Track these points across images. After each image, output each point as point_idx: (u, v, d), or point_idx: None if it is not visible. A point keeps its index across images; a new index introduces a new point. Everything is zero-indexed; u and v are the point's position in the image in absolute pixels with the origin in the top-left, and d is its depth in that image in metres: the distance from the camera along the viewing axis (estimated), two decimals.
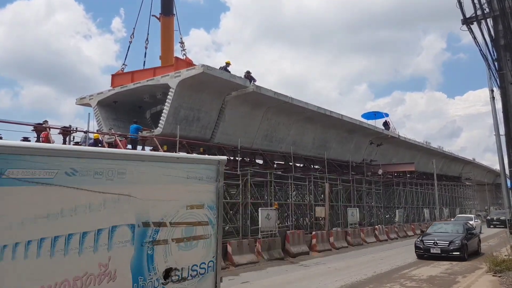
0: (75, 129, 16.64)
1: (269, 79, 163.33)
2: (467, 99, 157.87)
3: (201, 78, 17.50)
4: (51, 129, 15.08)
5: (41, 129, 15.00)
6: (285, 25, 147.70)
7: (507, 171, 11.51)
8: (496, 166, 62.37)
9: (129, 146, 17.96)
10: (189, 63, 21.16)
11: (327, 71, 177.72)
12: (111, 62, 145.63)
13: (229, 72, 19.20)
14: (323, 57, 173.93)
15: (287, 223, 23.30)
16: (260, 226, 17.15)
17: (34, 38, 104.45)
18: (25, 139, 14.73)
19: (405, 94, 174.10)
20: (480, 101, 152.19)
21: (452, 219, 32.09)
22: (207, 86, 18.46)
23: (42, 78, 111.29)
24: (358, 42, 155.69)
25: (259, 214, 17.39)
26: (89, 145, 15.05)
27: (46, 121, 15.38)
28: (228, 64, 19.70)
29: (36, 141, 14.97)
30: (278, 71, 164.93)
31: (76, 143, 17.29)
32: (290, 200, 23.27)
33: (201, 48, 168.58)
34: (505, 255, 14.04)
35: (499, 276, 11.82)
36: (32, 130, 14.90)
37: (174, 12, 25.69)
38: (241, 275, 13.06)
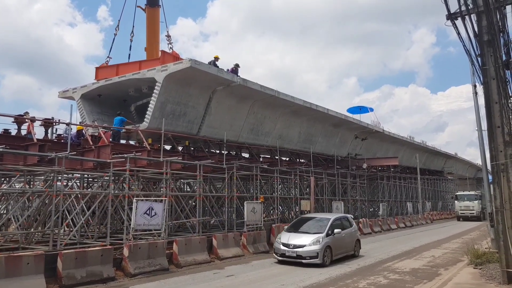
0: (57, 121, 16.35)
1: (257, 71, 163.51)
2: (450, 95, 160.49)
3: (189, 73, 17.31)
4: (32, 121, 14.74)
5: (22, 121, 14.68)
6: (273, 15, 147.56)
7: (488, 166, 11.73)
8: (477, 161, 63.52)
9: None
10: (175, 57, 20.93)
11: (315, 63, 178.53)
12: (97, 51, 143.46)
13: (218, 67, 19.05)
14: (312, 49, 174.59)
15: (273, 216, 23.37)
16: (245, 219, 17.15)
17: (16, 25, 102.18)
18: (6, 131, 14.43)
19: (394, 88, 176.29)
20: (462, 96, 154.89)
21: None
22: (195, 80, 18.28)
23: (24, 67, 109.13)
24: (346, 34, 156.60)
25: (245, 207, 17.38)
26: (71, 138, 14.79)
27: (27, 113, 15.05)
28: (216, 58, 19.53)
29: (17, 133, 14.67)
30: (266, 62, 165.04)
31: (59, 136, 17.01)
32: (276, 193, 23.31)
33: (188, 38, 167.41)
34: (485, 248, 14.32)
35: (480, 268, 12.06)
36: (13, 122, 14.58)
37: (160, 3, 25.41)
38: (226, 269, 13.05)
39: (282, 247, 13.75)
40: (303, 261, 13.20)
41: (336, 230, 14.15)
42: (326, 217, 15.26)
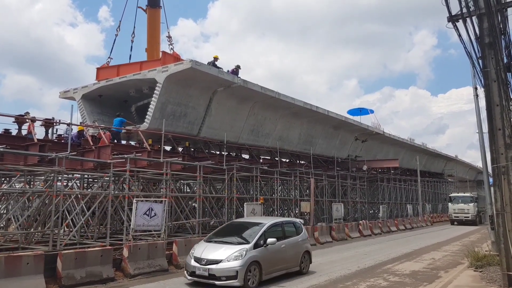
0: (58, 121, 16.34)
1: (257, 72, 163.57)
2: (450, 97, 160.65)
3: (189, 74, 17.31)
4: (32, 121, 14.74)
5: (22, 121, 14.68)
6: (273, 16, 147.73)
7: (489, 168, 11.73)
8: (478, 163, 63.46)
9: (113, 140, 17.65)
10: (176, 58, 20.93)
11: (315, 65, 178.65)
12: (98, 52, 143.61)
13: (217, 67, 19.06)
14: (312, 50, 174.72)
15: None
16: None
17: (17, 25, 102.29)
18: (6, 131, 14.42)
19: (395, 90, 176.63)
20: (462, 99, 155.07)
21: None
22: (195, 81, 18.28)
23: (24, 67, 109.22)
24: (346, 35, 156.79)
25: (245, 208, 17.38)
26: (72, 138, 14.78)
27: (27, 113, 15.05)
28: (216, 58, 19.54)
29: (18, 133, 14.66)
30: (266, 63, 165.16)
31: (59, 136, 17.00)
32: (276, 195, 23.29)
33: (189, 38, 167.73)
34: (486, 251, 14.30)
35: (480, 271, 12.05)
36: (14, 122, 14.58)
37: (161, 4, 25.44)
38: None
39: (193, 263, 10.31)
40: (217, 282, 9.82)
41: (270, 240, 10.75)
42: (261, 222, 11.76)
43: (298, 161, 28.68)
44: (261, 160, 25.14)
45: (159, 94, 17.47)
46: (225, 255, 10.05)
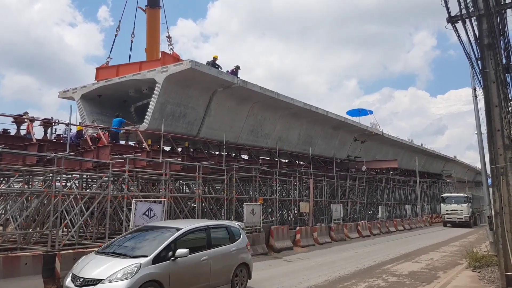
0: (57, 121, 16.33)
1: (257, 72, 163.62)
2: (449, 98, 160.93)
3: (189, 74, 17.30)
4: (31, 121, 14.73)
5: (21, 121, 14.67)
6: (273, 16, 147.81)
7: (488, 169, 11.74)
8: (477, 164, 63.52)
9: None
10: (176, 58, 20.93)
11: (315, 65, 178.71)
12: (97, 52, 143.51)
13: (217, 66, 19.05)
14: (312, 50, 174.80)
15: (272, 218, 23.33)
16: (244, 221, 17.09)
17: (16, 25, 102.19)
18: (5, 131, 14.41)
19: (394, 91, 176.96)
20: (461, 100, 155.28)
21: None
22: (195, 81, 18.28)
23: (24, 67, 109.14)
24: (346, 35, 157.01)
25: (244, 209, 17.35)
26: (71, 138, 14.78)
27: (26, 113, 15.05)
28: (215, 58, 19.55)
29: (16, 133, 14.65)
30: (266, 63, 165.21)
31: (58, 136, 17.00)
32: (275, 195, 23.27)
33: (189, 39, 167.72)
34: (484, 251, 14.32)
35: (479, 272, 12.07)
36: (12, 122, 14.57)
37: (161, 4, 25.45)
38: None
39: (68, 283, 7.67)
40: None
41: (180, 251, 7.98)
42: (179, 226, 8.78)
43: (297, 162, 28.68)
44: (261, 161, 25.16)
45: (158, 95, 17.46)
46: (108, 273, 7.33)
